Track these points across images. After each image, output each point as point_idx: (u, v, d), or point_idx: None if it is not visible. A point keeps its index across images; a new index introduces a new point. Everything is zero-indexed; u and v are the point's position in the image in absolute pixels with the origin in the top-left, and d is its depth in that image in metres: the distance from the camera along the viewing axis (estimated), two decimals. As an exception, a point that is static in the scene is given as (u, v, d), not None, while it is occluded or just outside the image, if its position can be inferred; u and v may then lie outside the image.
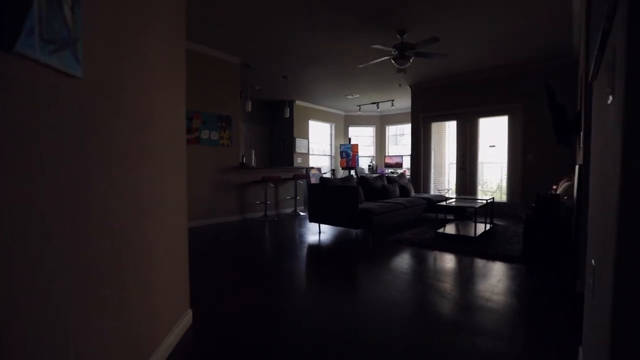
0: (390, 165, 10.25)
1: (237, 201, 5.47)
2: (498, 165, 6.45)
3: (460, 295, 2.30)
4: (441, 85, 6.83)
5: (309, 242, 3.92)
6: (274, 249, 3.68)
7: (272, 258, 3.31)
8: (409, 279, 2.62)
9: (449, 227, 4.37)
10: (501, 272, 2.78)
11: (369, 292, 2.39)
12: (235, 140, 5.42)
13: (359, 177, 5.19)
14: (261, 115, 9.08)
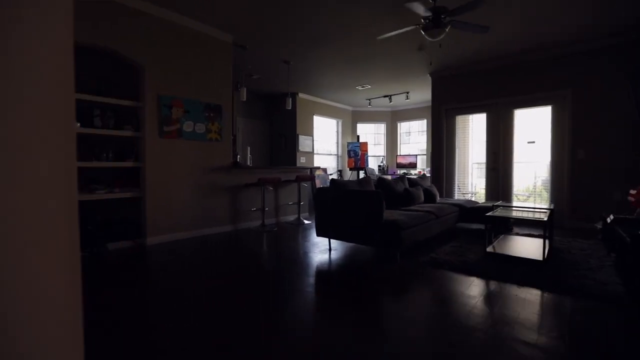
0: (403, 165, 9.29)
1: (229, 208, 4.54)
2: (530, 166, 5.48)
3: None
4: (468, 72, 5.87)
5: (316, 266, 2.98)
6: (270, 277, 2.73)
7: (267, 293, 2.37)
8: (474, 336, 1.67)
9: (498, 243, 3.40)
10: (616, 322, 1.82)
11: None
12: (227, 135, 4.49)
13: (377, 179, 4.24)
14: (260, 109, 8.16)
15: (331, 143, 9.37)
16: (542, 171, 5.49)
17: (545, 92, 5.15)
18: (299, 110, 7.94)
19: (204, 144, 4.21)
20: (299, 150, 7.93)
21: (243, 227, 4.71)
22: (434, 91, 6.32)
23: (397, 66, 5.85)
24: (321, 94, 8.00)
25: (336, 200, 3.26)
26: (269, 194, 5.10)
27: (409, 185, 4.76)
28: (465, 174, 6.26)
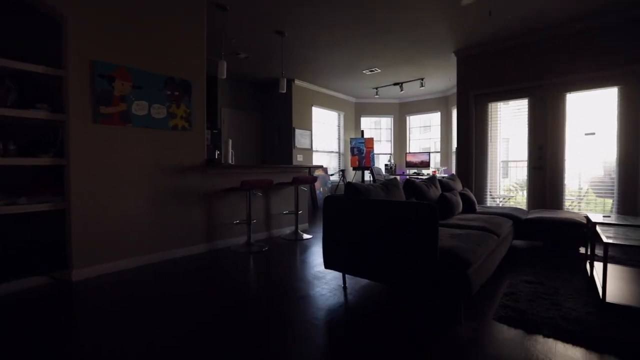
0: (413, 164, 8.17)
1: (202, 221, 3.35)
2: (576, 162, 4.37)
3: None
4: (504, 49, 4.76)
5: (325, 322, 1.82)
6: (250, 341, 1.56)
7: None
8: None
9: (615, 284, 2.23)
10: None
11: None
12: (199, 122, 3.30)
13: (405, 182, 3.08)
14: (249, 98, 6.97)
15: (332, 139, 8.21)
16: (588, 170, 4.38)
17: (608, 69, 4.04)
18: (296, 99, 6.77)
19: (165, 134, 3.02)
20: (295, 146, 6.76)
21: (222, 245, 3.53)
22: (460, 73, 5.20)
23: (416, 41, 4.71)
24: (321, 80, 6.84)
25: (356, 215, 2.10)
26: (257, 201, 3.93)
27: (442, 189, 3.62)
28: (494, 174, 5.14)
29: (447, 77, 6.61)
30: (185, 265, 2.90)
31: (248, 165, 3.58)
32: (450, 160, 7.79)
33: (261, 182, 3.35)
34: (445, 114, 7.93)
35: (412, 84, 6.96)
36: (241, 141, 6.78)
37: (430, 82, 6.84)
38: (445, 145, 7.97)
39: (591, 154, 4.27)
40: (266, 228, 4.06)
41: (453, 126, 7.68)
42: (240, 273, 2.71)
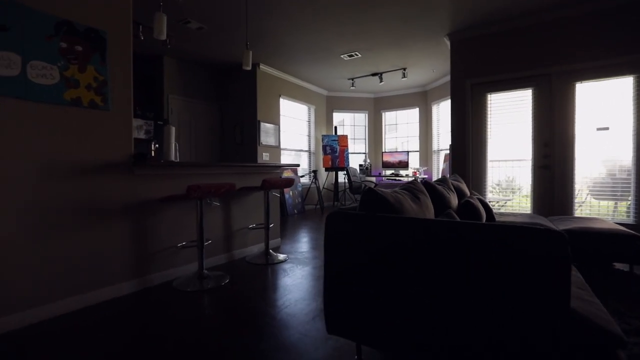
0: (390, 164, 7.50)
1: (127, 247, 2.24)
2: (587, 161, 3.90)
3: None
4: (505, 31, 4.16)
5: None
6: None
7: None
8: None
9: None
10: None
11: None
12: (121, 99, 2.19)
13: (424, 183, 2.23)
14: (205, 85, 5.80)
15: (301, 136, 7.27)
16: (588, 171, 3.92)
17: (623, 55, 3.57)
18: (261, 88, 5.74)
19: (58, 113, 1.88)
20: (261, 143, 5.73)
21: (160, 280, 2.43)
22: (455, 60, 4.53)
23: (405, 19, 3.94)
24: (290, 66, 5.87)
25: (396, 247, 1.18)
26: (213, 214, 2.87)
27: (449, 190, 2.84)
28: (494, 174, 4.54)
29: (431, 68, 5.99)
30: (93, 322, 1.79)
31: (199, 164, 2.52)
32: (431, 161, 7.23)
33: (218, 187, 2.32)
34: (425, 110, 7.35)
35: (392, 75, 6.25)
36: (195, 136, 5.59)
37: (412, 73, 6.18)
38: (425, 144, 7.39)
39: (605, 151, 3.78)
40: (226, 248, 3.01)
41: (433, 123, 7.12)
42: (179, 339, 1.66)
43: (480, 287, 1.00)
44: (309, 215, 6.18)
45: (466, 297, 1.03)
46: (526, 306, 0.94)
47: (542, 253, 0.92)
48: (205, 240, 2.54)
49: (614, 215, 3.83)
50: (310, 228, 4.79)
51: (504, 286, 0.97)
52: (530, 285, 0.93)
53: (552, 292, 0.91)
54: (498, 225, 1.00)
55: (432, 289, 1.09)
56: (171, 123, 5.16)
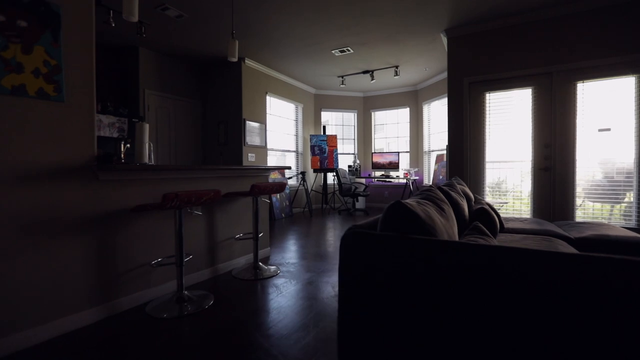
0: (380, 166, 7.29)
1: (89, 268, 1.87)
2: (588, 163, 3.79)
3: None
4: (504, 28, 4.00)
5: None
6: None
7: None
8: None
9: None
10: None
11: None
12: (82, 89, 1.82)
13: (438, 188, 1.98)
14: (186, 81, 5.39)
15: (288, 135, 6.94)
16: (590, 173, 3.82)
17: (626, 53, 3.46)
18: (247, 84, 5.38)
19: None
20: (247, 143, 5.37)
21: (131, 305, 2.07)
22: (452, 57, 4.34)
23: (402, 12, 3.70)
24: (277, 62, 5.55)
25: (447, 287, 0.90)
26: (194, 224, 2.52)
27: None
28: (493, 175, 4.38)
29: (424, 67, 5.80)
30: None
31: (177, 167, 2.17)
32: (422, 162, 7.06)
33: (201, 195, 1.98)
34: (415, 110, 7.18)
35: (384, 73, 6.03)
36: (175, 135, 5.17)
37: (404, 72, 5.98)
38: (415, 145, 7.22)
39: (605, 152, 3.67)
40: (210, 262, 2.66)
41: (424, 123, 6.95)
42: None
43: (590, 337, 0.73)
44: (298, 219, 5.87)
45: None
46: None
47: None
48: (186, 256, 2.20)
49: (610, 219, 3.72)
50: (300, 234, 4.49)
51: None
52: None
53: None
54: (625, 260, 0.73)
55: (506, 344, 0.81)
56: (148, 121, 4.73)
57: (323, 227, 4.97)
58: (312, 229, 4.88)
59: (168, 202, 1.77)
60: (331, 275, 2.69)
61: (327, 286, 2.44)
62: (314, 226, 5.10)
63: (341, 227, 4.94)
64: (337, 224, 5.24)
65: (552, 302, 0.74)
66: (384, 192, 7.55)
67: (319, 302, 2.15)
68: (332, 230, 4.75)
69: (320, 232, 4.62)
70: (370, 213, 6.56)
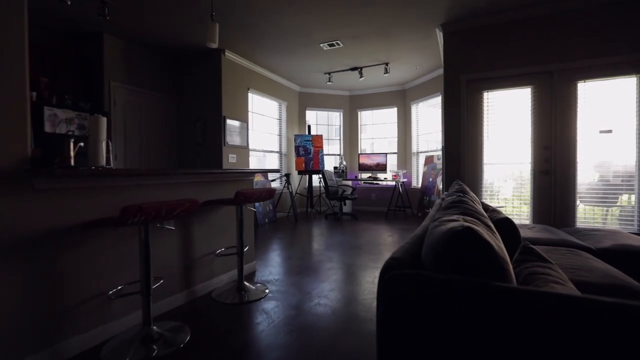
0: (367, 167, 7.03)
1: (28, 304, 1.42)
2: (589, 166, 3.66)
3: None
4: (503, 24, 3.80)
5: None
6: None
7: None
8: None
9: None
10: None
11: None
12: (5, 71, 1.37)
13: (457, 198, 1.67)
14: (157, 73, 4.88)
15: (271, 135, 6.54)
16: (590, 176, 3.70)
17: (628, 53, 3.34)
18: (227, 78, 4.94)
19: None
20: (227, 143, 4.93)
21: (82, 348, 1.63)
22: (448, 53, 4.10)
23: (395, 5, 3.43)
24: (261, 56, 5.14)
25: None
26: (165, 241, 2.09)
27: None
28: (491, 179, 4.18)
29: (414, 65, 5.58)
30: None
31: (142, 172, 1.74)
32: (410, 163, 6.85)
33: (173, 207, 1.58)
34: (403, 110, 6.97)
35: (372, 71, 5.76)
36: (146, 134, 4.65)
37: (394, 69, 5.73)
38: (403, 146, 7.01)
39: (604, 155, 3.53)
40: (185, 284, 2.24)
41: (412, 124, 6.75)
42: None
43: None
44: (282, 224, 5.48)
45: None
46: None
47: None
48: (155, 280, 1.78)
49: (605, 223, 3.60)
50: (287, 242, 4.11)
51: None
52: None
53: None
54: None
55: None
56: (114, 117, 4.20)
57: (310, 234, 4.61)
58: (299, 236, 4.51)
59: (128, 218, 1.36)
60: (328, 296, 2.34)
61: (325, 311, 2.09)
62: (300, 233, 4.73)
63: (329, 234, 4.61)
64: (325, 230, 4.89)
65: None
66: (371, 194, 7.29)
67: (320, 334, 1.79)
68: (321, 237, 4.40)
69: (308, 240, 4.26)
70: (359, 217, 6.27)
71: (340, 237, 4.40)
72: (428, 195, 5.94)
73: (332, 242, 4.09)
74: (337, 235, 4.49)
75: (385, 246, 3.86)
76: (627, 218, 3.47)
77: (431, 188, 5.86)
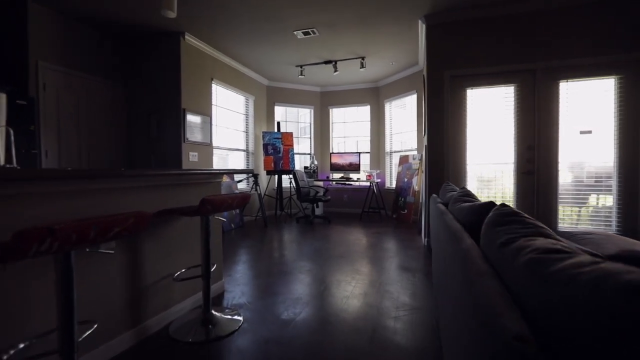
0: (340, 167, 6.72)
1: None
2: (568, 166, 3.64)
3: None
4: (488, 18, 3.65)
5: None
6: None
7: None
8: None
9: None
10: None
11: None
12: None
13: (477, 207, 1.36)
14: (101, 56, 4.15)
15: (237, 132, 5.98)
16: (567, 177, 3.69)
17: (608, 54, 3.32)
18: (188, 66, 4.34)
19: None
20: (187, 140, 4.33)
21: None
22: (432, 47, 3.88)
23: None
24: (228, 43, 4.60)
25: None
26: (101, 269, 1.57)
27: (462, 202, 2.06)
28: (473, 180, 4.04)
29: (391, 61, 5.35)
30: None
31: (60, 174, 1.21)
32: (383, 163, 6.65)
33: (110, 223, 1.09)
34: (377, 108, 6.74)
35: (348, 65, 5.44)
36: (87, 127, 3.92)
37: (369, 64, 5.46)
38: (377, 145, 6.79)
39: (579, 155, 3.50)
40: (131, 322, 1.71)
41: (386, 122, 6.55)
42: None
43: None
44: (250, 229, 4.98)
45: None
46: None
47: None
48: (85, 325, 1.27)
49: (578, 223, 3.58)
50: (258, 252, 3.64)
51: None
52: None
53: None
54: None
55: None
56: (45, 104, 3.46)
57: (283, 241, 4.18)
58: (271, 244, 4.06)
59: (29, 248, 0.86)
60: (312, 324, 1.94)
61: (315, 344, 1.69)
62: (272, 240, 4.27)
63: (304, 240, 4.20)
64: (298, 236, 4.48)
65: None
66: (343, 195, 6.99)
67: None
68: (295, 245, 3.98)
69: (282, 248, 3.83)
70: (332, 220, 5.93)
71: (316, 243, 4.02)
72: (403, 196, 5.75)
73: (309, 250, 3.69)
74: (312, 242, 4.10)
75: (366, 253, 3.54)
76: (600, 218, 3.46)
77: (406, 189, 5.68)
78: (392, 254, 3.51)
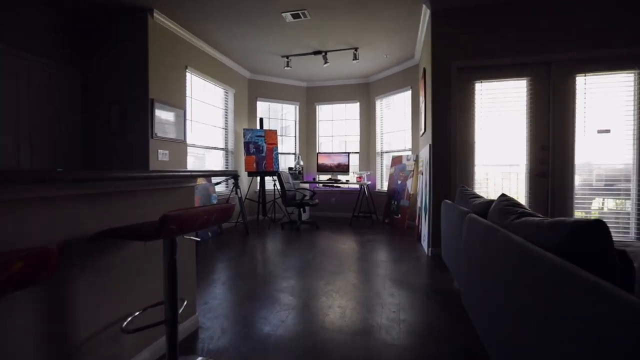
0: (328, 168, 6.24)
1: None
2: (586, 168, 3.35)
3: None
4: (499, 4, 3.29)
5: None
6: None
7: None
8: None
9: None
10: None
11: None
12: None
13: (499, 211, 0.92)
14: (54, 33, 3.46)
15: (215, 128, 5.37)
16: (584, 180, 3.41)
17: (629, 46, 3.04)
18: (157, 50, 3.72)
19: None
20: (156, 135, 3.71)
21: None
22: (437, 36, 3.48)
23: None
24: (207, 26, 4.01)
25: None
26: (4, 323, 1.00)
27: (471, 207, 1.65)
28: (482, 183, 3.67)
29: (385, 53, 4.94)
30: None
31: None
32: (374, 164, 6.24)
33: None
34: (367, 105, 6.33)
35: (339, 56, 4.98)
36: (29, 118, 3.22)
37: (363, 57, 5.02)
38: (366, 145, 6.37)
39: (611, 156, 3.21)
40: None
41: (377, 121, 6.14)
42: None
43: None
44: (230, 237, 4.41)
45: None
46: None
47: None
48: None
49: None
50: (240, 268, 3.09)
51: None
52: None
53: None
54: None
55: None
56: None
57: (269, 253, 3.64)
58: (256, 257, 3.52)
59: None
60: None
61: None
62: (256, 251, 3.73)
63: (292, 252, 3.69)
64: (285, 245, 3.96)
65: None
66: (331, 198, 6.52)
67: None
68: (283, 258, 3.46)
69: (268, 263, 3.30)
70: (320, 225, 5.44)
71: (307, 255, 3.52)
72: (396, 200, 5.35)
73: (300, 265, 3.18)
74: (302, 253, 3.59)
75: (367, 268, 3.07)
76: (619, 226, 3.17)
77: (400, 192, 5.28)
78: (396, 270, 3.06)
